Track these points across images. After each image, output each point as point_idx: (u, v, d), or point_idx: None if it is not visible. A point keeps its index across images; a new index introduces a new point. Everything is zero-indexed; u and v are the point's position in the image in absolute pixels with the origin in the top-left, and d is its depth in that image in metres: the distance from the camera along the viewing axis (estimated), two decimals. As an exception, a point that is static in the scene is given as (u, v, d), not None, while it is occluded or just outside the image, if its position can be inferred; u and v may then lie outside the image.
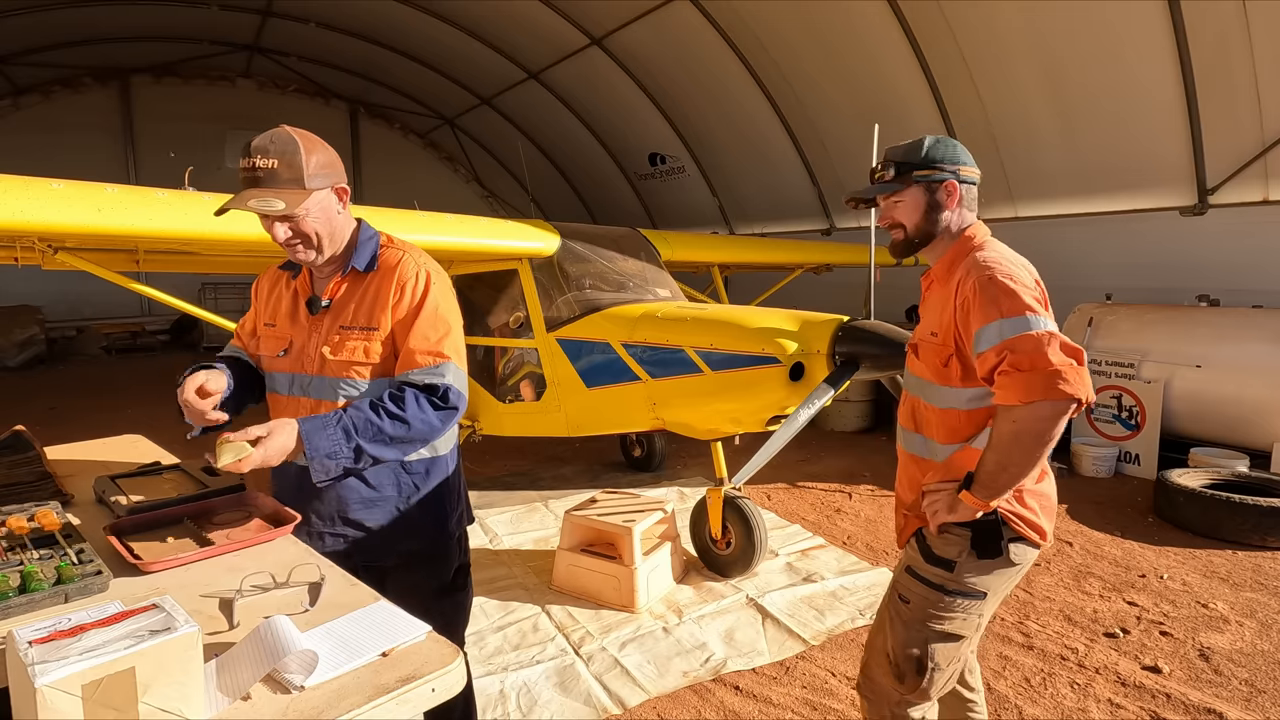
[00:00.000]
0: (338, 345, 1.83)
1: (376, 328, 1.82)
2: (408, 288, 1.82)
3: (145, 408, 8.79)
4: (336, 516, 1.89)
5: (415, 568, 1.98)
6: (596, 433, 4.90)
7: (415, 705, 1.15)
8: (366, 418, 1.69)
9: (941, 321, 1.78)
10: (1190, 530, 4.57)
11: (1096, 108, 7.06)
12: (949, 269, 1.83)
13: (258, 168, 1.68)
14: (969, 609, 1.80)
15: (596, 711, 2.81)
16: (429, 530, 1.98)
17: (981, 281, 1.66)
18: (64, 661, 0.96)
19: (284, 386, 1.93)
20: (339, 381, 1.84)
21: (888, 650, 1.89)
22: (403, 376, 1.81)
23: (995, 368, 1.61)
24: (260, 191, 1.67)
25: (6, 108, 13.84)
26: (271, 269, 2.08)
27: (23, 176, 3.02)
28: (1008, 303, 1.61)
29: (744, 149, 11.14)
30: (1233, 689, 2.93)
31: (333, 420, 1.68)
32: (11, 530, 1.66)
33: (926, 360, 1.83)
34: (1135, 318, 6.19)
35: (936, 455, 1.83)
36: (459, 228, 4.58)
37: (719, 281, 6.91)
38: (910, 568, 1.87)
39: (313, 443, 1.64)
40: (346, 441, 1.67)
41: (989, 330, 1.62)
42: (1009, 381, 1.58)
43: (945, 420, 1.80)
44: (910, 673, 1.83)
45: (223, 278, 14.18)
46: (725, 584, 3.90)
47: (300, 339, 1.90)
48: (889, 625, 1.89)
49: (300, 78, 16.31)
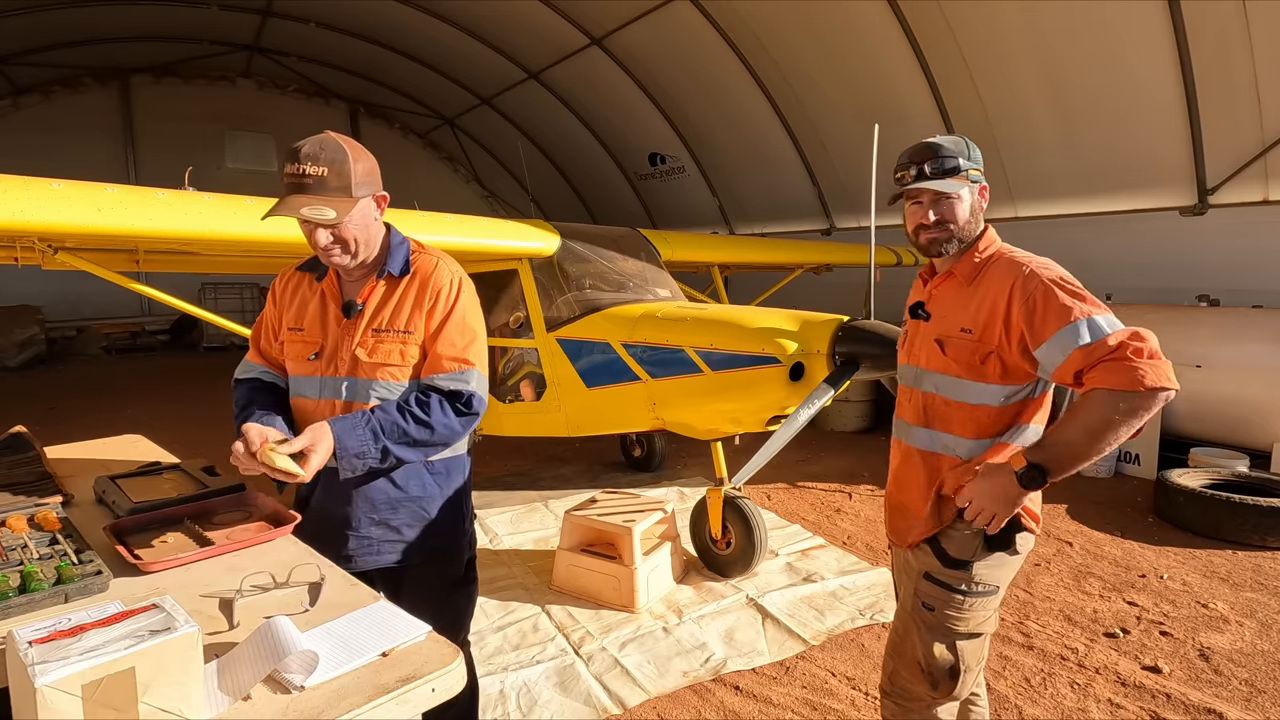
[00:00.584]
0: (373, 348, 1.85)
1: (413, 331, 1.86)
2: (442, 294, 1.87)
3: (145, 408, 8.80)
4: (365, 518, 1.91)
5: (432, 564, 2.01)
6: (596, 433, 4.90)
7: (415, 705, 1.15)
8: (393, 420, 1.76)
9: (978, 320, 1.79)
10: (1190, 530, 4.57)
11: (1096, 108, 7.06)
12: (974, 269, 1.85)
13: (308, 174, 1.69)
14: (987, 605, 1.84)
15: (596, 711, 2.81)
16: (449, 526, 2.03)
17: (1045, 283, 1.69)
18: (64, 661, 0.96)
19: (313, 390, 1.90)
20: (373, 384, 1.85)
21: (918, 659, 1.88)
22: (428, 380, 1.86)
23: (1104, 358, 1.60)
24: (310, 199, 1.70)
25: (6, 108, 13.85)
26: (289, 271, 2.04)
27: (23, 176, 3.02)
28: (1081, 303, 1.65)
29: (744, 149, 11.14)
30: (1233, 689, 2.93)
31: (362, 421, 1.75)
32: (11, 530, 1.66)
33: (957, 357, 1.82)
34: (1135, 318, 6.10)
35: (959, 451, 1.84)
36: (459, 228, 4.58)
37: (719, 281, 6.91)
38: (929, 574, 1.87)
39: (343, 442, 1.71)
40: (374, 442, 1.74)
41: (1075, 328, 1.63)
42: (1119, 368, 1.57)
43: (975, 416, 1.82)
44: (944, 679, 1.85)
45: (223, 278, 14.21)
46: (725, 584, 3.89)
47: (332, 343, 1.89)
48: (916, 634, 1.89)
49: (300, 78, 16.31)
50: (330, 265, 1.87)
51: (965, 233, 1.86)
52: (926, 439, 1.90)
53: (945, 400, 1.86)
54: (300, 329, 1.93)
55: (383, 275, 1.89)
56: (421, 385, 1.86)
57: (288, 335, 1.95)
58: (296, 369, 1.94)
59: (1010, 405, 1.80)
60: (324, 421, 1.72)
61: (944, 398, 1.86)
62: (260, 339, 2.05)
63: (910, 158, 1.86)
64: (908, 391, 1.98)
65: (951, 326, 1.85)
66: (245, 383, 1.99)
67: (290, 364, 1.96)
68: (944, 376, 1.86)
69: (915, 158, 1.85)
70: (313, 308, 1.93)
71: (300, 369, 1.93)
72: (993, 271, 1.80)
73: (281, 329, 1.98)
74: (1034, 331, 1.70)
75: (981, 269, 1.84)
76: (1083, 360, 1.62)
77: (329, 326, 1.90)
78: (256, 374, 2.01)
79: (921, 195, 1.85)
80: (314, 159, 1.70)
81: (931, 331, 1.90)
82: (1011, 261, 1.78)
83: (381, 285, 1.89)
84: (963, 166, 1.83)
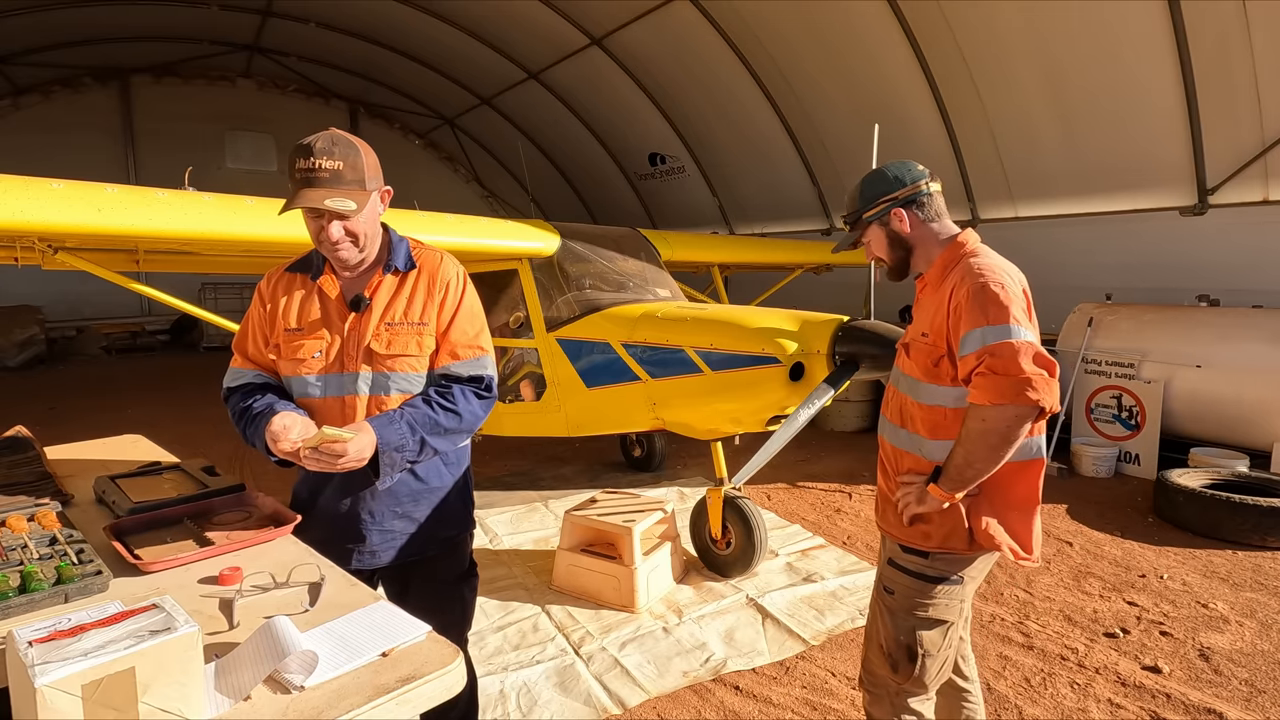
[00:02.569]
0: (389, 341, 1.86)
1: (427, 323, 1.89)
2: (451, 285, 1.93)
3: (145, 408, 8.80)
4: (388, 512, 1.91)
5: (442, 557, 2.04)
6: (596, 433, 4.90)
7: (415, 705, 1.15)
8: (424, 413, 1.81)
9: (934, 324, 1.85)
10: (1190, 530, 4.57)
11: (1096, 108, 7.06)
12: (942, 274, 1.91)
13: (324, 168, 1.71)
14: (950, 594, 1.90)
15: (596, 711, 2.81)
16: (460, 517, 2.07)
17: (974, 289, 1.75)
18: (64, 661, 0.96)
19: (319, 389, 1.86)
20: (391, 376, 1.86)
21: (880, 642, 1.98)
22: (444, 369, 1.90)
23: (974, 370, 1.71)
24: (329, 191, 1.71)
25: (6, 108, 13.85)
26: (276, 272, 1.98)
27: (23, 176, 3.02)
28: (995, 311, 1.71)
29: (744, 149, 11.14)
30: (1233, 689, 2.93)
31: (398, 416, 1.78)
32: (11, 530, 1.66)
33: (917, 360, 1.90)
34: (1135, 318, 6.19)
35: (924, 450, 1.90)
36: (459, 228, 4.58)
37: (719, 281, 6.91)
38: (891, 559, 1.97)
39: (384, 437, 1.73)
40: (412, 435, 1.77)
41: (973, 335, 1.72)
42: (983, 383, 1.69)
43: (931, 416, 1.88)
44: (903, 661, 1.92)
45: (223, 278, 14.18)
46: (725, 584, 3.89)
47: (341, 340, 1.86)
48: (879, 617, 2.00)
49: (300, 78, 16.31)
50: (336, 260, 1.84)
51: (895, 260, 2.02)
52: (903, 438, 1.97)
53: (915, 402, 1.93)
54: (299, 329, 1.88)
55: (389, 270, 1.90)
56: (439, 375, 1.90)
57: (284, 338, 1.88)
58: (297, 369, 1.88)
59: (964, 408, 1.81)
60: (363, 421, 1.76)
61: (913, 399, 1.93)
62: (248, 345, 1.96)
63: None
64: (891, 390, 2.06)
65: (915, 330, 1.96)
66: (240, 389, 1.93)
67: (288, 365, 1.89)
68: (909, 378, 1.94)
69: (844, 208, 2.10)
70: (312, 307, 1.89)
71: (303, 369, 1.87)
72: (953, 277, 1.86)
73: (275, 332, 1.90)
74: (955, 334, 1.78)
75: (946, 274, 1.89)
76: (973, 363, 1.71)
77: (334, 324, 1.87)
78: (249, 379, 1.94)
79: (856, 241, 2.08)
80: (328, 153, 1.72)
81: (907, 335, 2.01)
82: (966, 267, 1.83)
83: (388, 279, 1.90)
84: (862, 211, 2.00)
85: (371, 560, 1.91)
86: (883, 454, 2.09)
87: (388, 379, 1.85)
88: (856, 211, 2.03)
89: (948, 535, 1.85)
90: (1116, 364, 6.05)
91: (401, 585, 2.02)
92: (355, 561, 1.89)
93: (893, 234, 1.98)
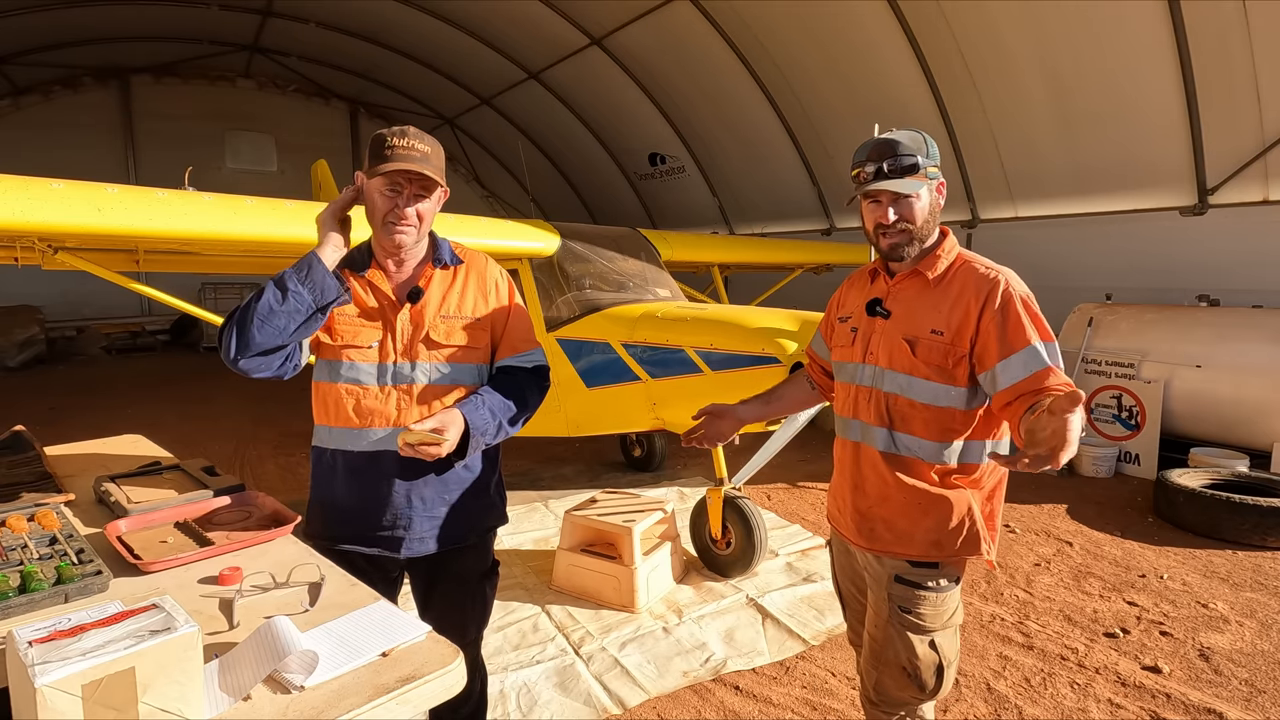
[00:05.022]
0: (447, 333, 1.91)
1: (479, 318, 1.97)
2: (500, 284, 2.04)
3: (145, 408, 8.79)
4: (437, 499, 1.94)
5: (472, 551, 2.05)
6: (597, 433, 4.90)
7: (415, 705, 1.15)
8: (501, 399, 1.89)
9: (950, 323, 1.75)
10: (1190, 530, 4.57)
11: (1096, 108, 7.06)
12: (943, 270, 1.82)
13: (418, 149, 1.79)
14: (957, 597, 1.86)
15: (596, 711, 2.81)
16: (498, 508, 2.12)
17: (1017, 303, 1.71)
18: (64, 661, 0.96)
19: (372, 377, 1.87)
20: (447, 366, 1.91)
21: (903, 664, 1.84)
22: (506, 363, 1.99)
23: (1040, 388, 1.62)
24: (422, 168, 1.77)
25: (6, 108, 13.84)
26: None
27: (23, 176, 3.02)
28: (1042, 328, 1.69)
29: (744, 149, 11.14)
30: (1233, 689, 2.93)
31: (479, 402, 1.86)
32: (11, 530, 1.66)
33: (927, 359, 1.77)
34: (1135, 318, 6.19)
35: (921, 453, 1.80)
36: (459, 227, 4.58)
37: (719, 281, 6.91)
38: (899, 576, 1.83)
39: (473, 421, 1.81)
40: (493, 419, 1.86)
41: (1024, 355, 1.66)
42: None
43: (940, 418, 1.78)
44: (933, 679, 1.84)
45: (223, 278, 14.18)
46: (725, 584, 3.89)
47: (394, 328, 1.88)
48: (898, 640, 1.84)
49: (300, 78, 16.30)
50: (393, 241, 1.83)
51: (924, 233, 1.81)
52: (887, 440, 1.84)
53: (910, 402, 1.80)
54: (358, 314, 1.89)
55: (439, 264, 1.96)
56: (502, 367, 1.99)
57: (342, 320, 1.87)
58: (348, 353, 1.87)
59: (975, 408, 1.78)
60: (451, 407, 1.82)
61: (908, 399, 1.80)
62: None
63: (868, 155, 1.79)
64: (863, 391, 1.89)
65: (920, 327, 1.80)
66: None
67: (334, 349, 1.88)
68: (910, 377, 1.79)
69: (873, 155, 1.78)
70: (366, 297, 1.90)
71: (356, 355, 1.87)
72: (963, 274, 1.78)
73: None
74: (990, 345, 1.69)
75: (950, 271, 1.82)
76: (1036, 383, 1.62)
77: (386, 315, 1.89)
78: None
79: (881, 194, 1.78)
80: (421, 138, 1.80)
81: (897, 330, 1.83)
82: (980, 274, 1.77)
83: (439, 274, 1.96)
84: (921, 164, 1.77)
85: (420, 547, 1.92)
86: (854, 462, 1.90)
87: (444, 369, 1.91)
88: (915, 163, 1.76)
89: (962, 542, 1.78)
90: (1116, 364, 6.05)
91: (428, 580, 2.02)
92: (404, 550, 1.90)
93: (935, 202, 1.82)
